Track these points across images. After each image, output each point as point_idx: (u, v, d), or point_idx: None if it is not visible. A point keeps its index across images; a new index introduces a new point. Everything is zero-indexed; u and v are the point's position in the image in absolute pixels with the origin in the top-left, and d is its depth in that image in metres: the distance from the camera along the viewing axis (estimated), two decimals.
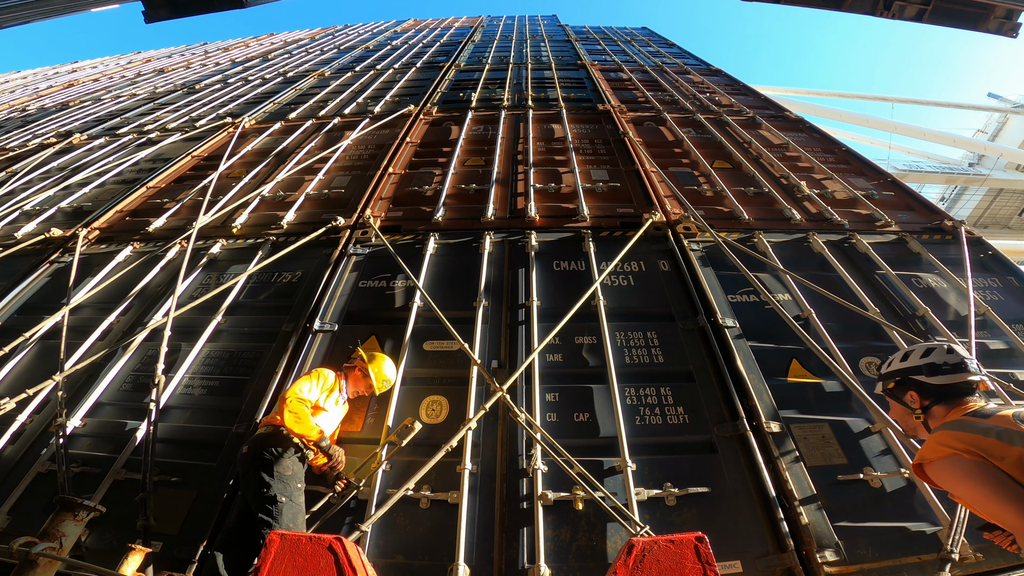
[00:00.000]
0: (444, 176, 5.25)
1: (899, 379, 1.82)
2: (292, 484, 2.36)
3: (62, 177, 6.34)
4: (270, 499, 2.25)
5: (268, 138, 6.92)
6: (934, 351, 1.78)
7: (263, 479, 2.30)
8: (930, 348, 1.80)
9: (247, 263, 4.09)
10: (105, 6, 6.37)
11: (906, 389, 1.79)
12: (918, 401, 1.76)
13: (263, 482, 2.29)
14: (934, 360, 1.75)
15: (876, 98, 25.53)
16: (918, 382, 1.76)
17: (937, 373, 1.73)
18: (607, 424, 2.80)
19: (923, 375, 1.76)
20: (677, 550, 1.73)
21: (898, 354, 1.89)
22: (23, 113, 11.17)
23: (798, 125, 6.98)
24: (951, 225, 4.37)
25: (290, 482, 2.35)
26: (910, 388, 1.78)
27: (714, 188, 4.98)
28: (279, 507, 2.24)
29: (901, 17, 5.44)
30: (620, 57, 11.67)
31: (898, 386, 1.81)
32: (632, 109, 7.45)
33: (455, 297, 3.63)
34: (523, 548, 2.34)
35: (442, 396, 3.01)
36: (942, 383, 1.71)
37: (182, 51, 19.28)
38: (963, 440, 1.49)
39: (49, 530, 2.03)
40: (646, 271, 3.84)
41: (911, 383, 1.78)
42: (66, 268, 4.25)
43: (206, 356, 3.35)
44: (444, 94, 8.55)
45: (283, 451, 2.41)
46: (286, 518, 2.25)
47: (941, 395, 1.71)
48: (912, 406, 1.76)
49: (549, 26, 17.19)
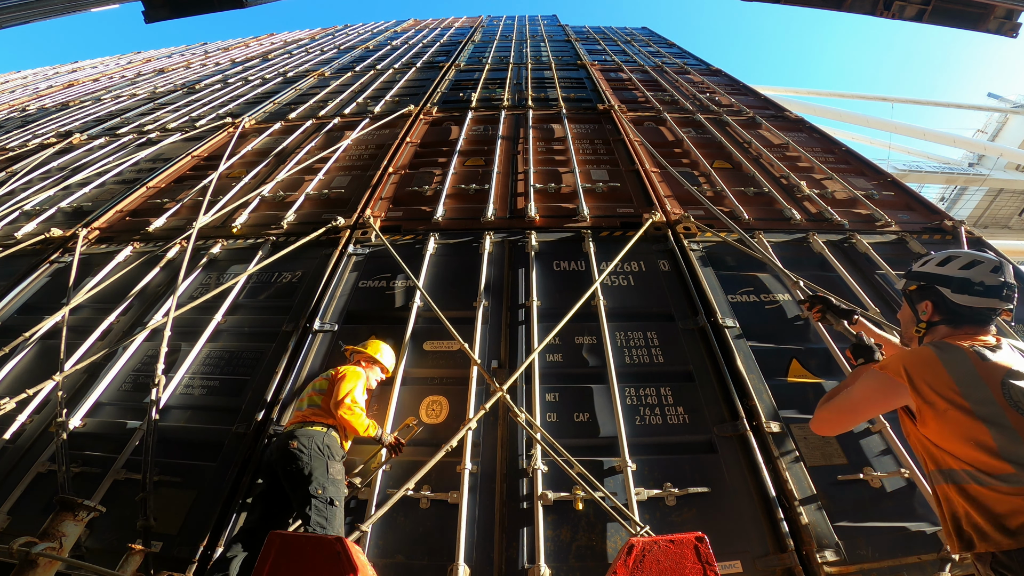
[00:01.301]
0: (444, 176, 5.25)
1: (924, 283, 1.60)
2: (341, 488, 2.37)
3: (62, 177, 6.34)
4: (326, 501, 2.24)
5: (268, 138, 6.92)
6: (978, 265, 1.51)
7: (318, 480, 2.28)
8: (975, 261, 1.53)
9: (247, 263, 4.09)
10: (105, 6, 6.38)
11: (924, 296, 1.58)
12: (929, 313, 1.56)
13: (318, 483, 2.27)
14: (971, 277, 1.50)
15: (876, 98, 25.53)
16: (941, 294, 1.53)
17: (966, 291, 1.49)
18: (607, 424, 2.80)
19: (950, 288, 1.52)
20: (677, 550, 1.73)
21: (937, 255, 1.63)
22: (23, 113, 11.16)
23: (798, 125, 6.98)
24: (951, 225, 4.37)
25: (340, 486, 2.37)
26: (929, 297, 1.56)
27: (714, 188, 4.98)
28: (333, 511, 2.24)
29: (901, 17, 5.44)
30: (620, 57, 11.67)
31: (920, 290, 1.60)
32: (632, 109, 7.45)
33: (455, 297, 3.63)
34: (523, 548, 2.34)
35: (442, 396, 3.01)
36: (965, 304, 1.49)
37: (182, 51, 19.28)
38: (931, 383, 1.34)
39: (49, 530, 2.03)
40: (646, 271, 3.84)
41: (933, 292, 1.56)
42: (66, 268, 4.25)
43: (206, 356, 3.35)
44: (444, 94, 8.55)
45: (335, 453, 2.44)
46: (338, 522, 2.24)
47: (956, 316, 1.51)
48: (921, 316, 1.58)
49: (549, 26, 17.19)
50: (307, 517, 2.18)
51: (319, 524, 2.16)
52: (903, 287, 1.70)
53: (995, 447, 1.23)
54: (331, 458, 2.41)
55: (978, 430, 1.26)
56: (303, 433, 2.45)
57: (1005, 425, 1.24)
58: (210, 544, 2.35)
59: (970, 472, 1.26)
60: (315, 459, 2.35)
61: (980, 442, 1.25)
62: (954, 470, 1.30)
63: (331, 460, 2.40)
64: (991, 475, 1.23)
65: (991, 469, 1.23)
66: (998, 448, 1.23)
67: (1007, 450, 1.22)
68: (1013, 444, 1.22)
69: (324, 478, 2.31)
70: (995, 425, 1.24)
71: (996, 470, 1.22)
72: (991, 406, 1.26)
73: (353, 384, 2.68)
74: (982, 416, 1.26)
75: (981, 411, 1.27)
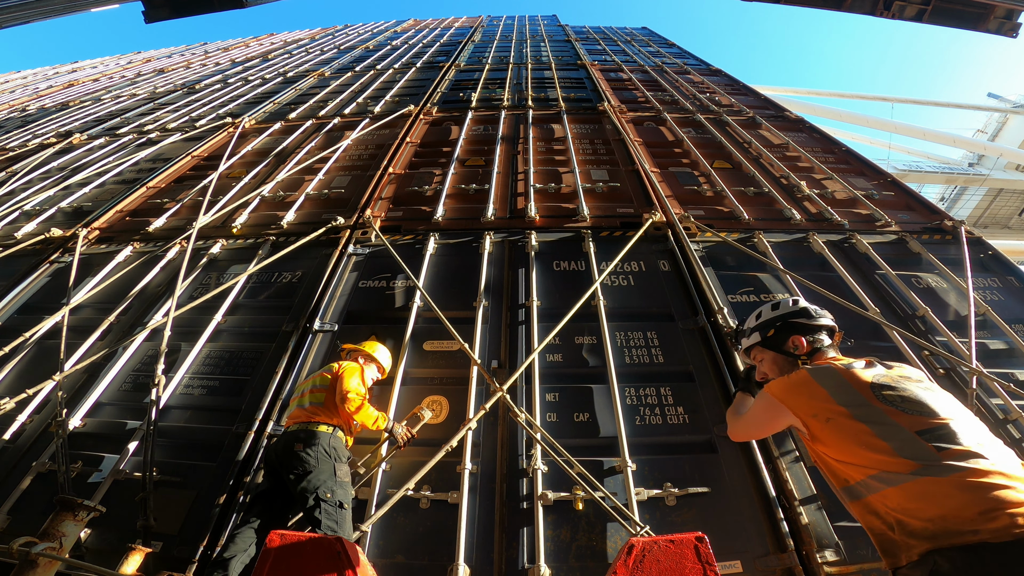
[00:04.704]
0: (444, 176, 5.25)
1: (779, 324, 1.79)
2: (349, 490, 2.36)
3: (62, 177, 6.34)
4: (336, 504, 2.22)
5: (268, 138, 6.92)
6: (800, 301, 1.83)
7: (327, 484, 2.26)
8: (795, 299, 1.85)
9: (247, 263, 4.09)
10: (105, 6, 6.38)
11: (788, 334, 1.76)
12: (803, 345, 1.72)
13: (327, 487, 2.25)
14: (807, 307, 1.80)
15: (876, 98, 25.53)
16: (801, 324, 1.74)
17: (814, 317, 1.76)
18: (607, 424, 2.80)
19: (804, 318, 1.76)
20: (677, 550, 1.73)
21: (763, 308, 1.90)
22: (23, 113, 11.17)
23: (798, 125, 6.98)
24: (951, 225, 4.37)
25: (348, 488, 2.36)
26: (795, 332, 1.75)
27: (714, 188, 4.98)
28: (343, 514, 2.22)
29: (901, 17, 5.45)
30: (620, 57, 11.68)
31: (779, 332, 1.79)
32: (632, 109, 7.45)
33: (455, 297, 3.63)
34: (523, 548, 2.34)
35: (442, 396, 3.01)
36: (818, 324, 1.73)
37: (182, 51, 19.28)
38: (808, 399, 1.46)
39: (49, 530, 2.03)
40: (646, 271, 3.84)
41: (794, 327, 1.75)
42: (66, 268, 4.25)
43: (206, 356, 3.35)
44: (444, 94, 8.55)
45: (342, 455, 2.43)
46: (348, 525, 2.23)
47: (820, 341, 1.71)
48: (797, 352, 1.72)
49: (549, 26, 17.19)
50: (318, 521, 2.16)
51: (330, 528, 2.14)
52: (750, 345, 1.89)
53: (886, 446, 1.26)
54: (338, 460, 2.40)
55: (863, 431, 1.31)
56: (308, 434, 2.43)
57: (886, 423, 1.30)
58: (210, 544, 2.35)
59: (877, 476, 1.26)
60: (322, 462, 2.33)
61: (870, 444, 1.29)
62: (861, 481, 1.30)
63: (338, 462, 2.39)
64: (897, 473, 1.22)
65: (893, 468, 1.23)
66: (889, 446, 1.26)
67: (896, 443, 1.25)
68: (899, 438, 1.26)
69: (332, 481, 2.29)
70: (876, 424, 1.31)
71: (897, 468, 1.23)
72: (867, 408, 1.35)
73: (356, 378, 2.68)
74: (861, 418, 1.34)
75: (859, 413, 1.35)
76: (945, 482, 1.15)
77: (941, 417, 1.29)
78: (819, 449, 1.43)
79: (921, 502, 1.16)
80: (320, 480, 2.27)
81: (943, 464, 1.18)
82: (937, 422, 1.28)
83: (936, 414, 1.30)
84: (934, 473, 1.17)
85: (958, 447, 1.21)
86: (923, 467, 1.19)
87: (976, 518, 1.08)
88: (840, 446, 1.35)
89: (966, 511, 1.10)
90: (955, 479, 1.15)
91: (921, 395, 1.36)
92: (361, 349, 2.96)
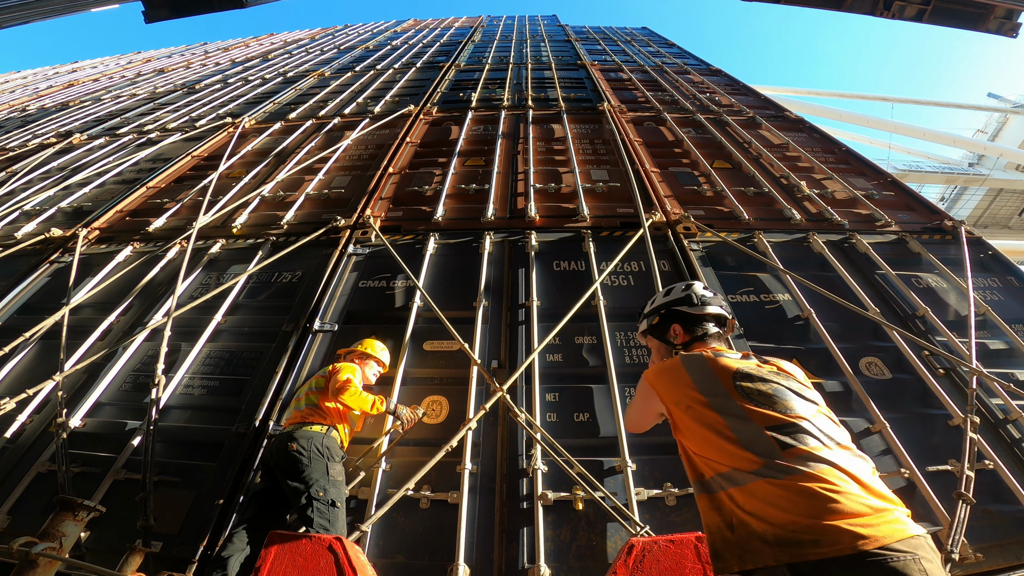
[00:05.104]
0: (444, 176, 5.25)
1: (664, 312, 1.77)
2: (342, 489, 2.38)
3: (62, 177, 6.34)
4: (328, 503, 2.25)
5: (268, 138, 6.92)
6: (692, 285, 1.80)
7: (319, 483, 2.29)
8: (689, 284, 1.82)
9: (247, 263, 4.09)
10: (105, 6, 6.38)
11: (670, 322, 1.74)
12: (680, 335, 1.70)
13: (319, 486, 2.28)
14: (692, 294, 1.76)
15: (876, 98, 25.55)
16: (682, 312, 1.72)
17: (696, 305, 1.72)
18: (607, 424, 2.80)
19: (687, 305, 1.73)
20: (677, 550, 1.73)
21: (659, 293, 1.89)
22: (23, 113, 11.17)
23: (798, 125, 6.98)
24: (951, 225, 4.37)
25: (341, 487, 2.37)
26: (675, 321, 1.73)
27: (714, 188, 4.98)
28: (335, 512, 2.25)
29: (901, 17, 5.45)
30: (620, 57, 11.68)
31: (662, 320, 1.77)
32: (632, 109, 7.45)
33: (455, 297, 3.63)
34: (523, 548, 2.34)
35: (442, 396, 3.01)
36: (700, 313, 1.70)
37: (182, 51, 19.28)
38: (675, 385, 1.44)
39: (49, 530, 2.03)
40: (646, 271, 3.84)
41: (675, 315, 1.74)
42: (66, 268, 4.24)
43: (206, 356, 3.35)
44: (444, 94, 8.55)
45: (335, 454, 2.44)
46: (340, 524, 2.25)
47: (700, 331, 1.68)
48: (674, 341, 1.71)
49: (549, 26, 17.19)
50: (310, 520, 2.18)
51: (322, 526, 2.17)
52: (642, 331, 1.88)
53: (735, 438, 1.23)
54: (331, 459, 2.41)
55: (717, 422, 1.28)
56: (302, 434, 2.45)
57: (739, 415, 1.27)
58: (210, 544, 2.35)
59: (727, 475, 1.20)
60: (315, 461, 2.36)
61: (722, 434, 1.25)
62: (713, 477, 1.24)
63: (331, 462, 2.41)
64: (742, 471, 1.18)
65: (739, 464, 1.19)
66: (736, 438, 1.22)
67: (743, 437, 1.22)
68: (747, 431, 1.23)
69: (325, 480, 2.32)
70: (730, 415, 1.27)
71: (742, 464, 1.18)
72: (724, 398, 1.31)
73: (350, 373, 2.71)
74: (717, 408, 1.30)
75: (716, 403, 1.31)
76: (785, 484, 1.10)
77: (795, 414, 1.24)
78: (681, 440, 1.39)
79: (763, 504, 1.11)
80: (312, 479, 2.29)
81: (784, 464, 1.13)
82: (789, 418, 1.23)
83: (791, 410, 1.25)
84: (774, 473, 1.12)
85: (803, 447, 1.16)
86: (764, 465, 1.14)
87: (815, 527, 1.02)
88: (697, 437, 1.32)
89: (803, 518, 1.04)
90: (793, 482, 1.10)
91: (782, 390, 1.32)
92: (355, 350, 2.98)
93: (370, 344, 3.01)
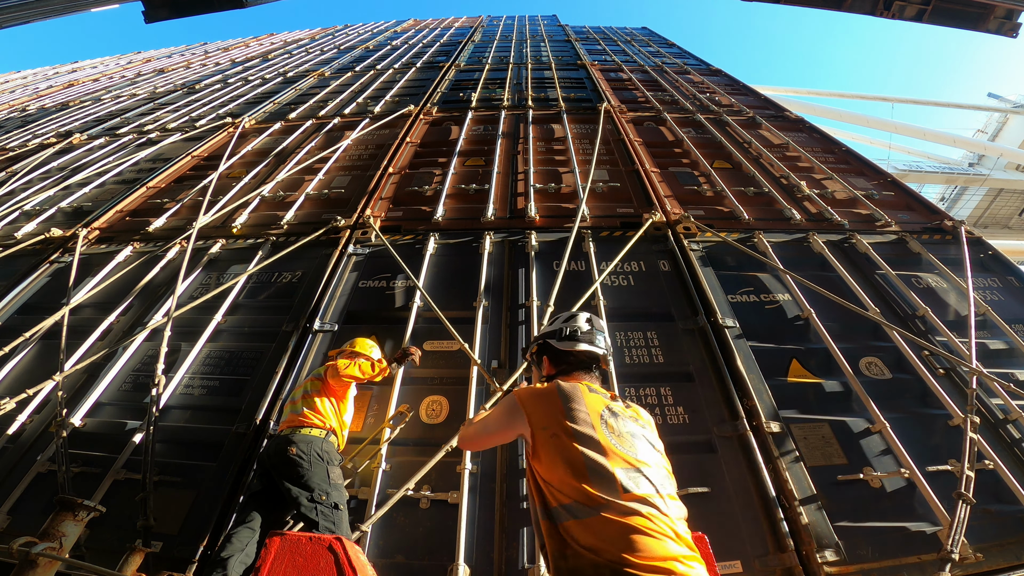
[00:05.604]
0: (444, 176, 5.25)
1: (540, 343, 1.78)
2: (343, 492, 2.39)
3: (62, 177, 6.34)
4: (331, 506, 2.26)
5: (268, 138, 6.92)
6: (574, 318, 1.76)
7: (320, 487, 2.30)
8: (573, 315, 1.78)
9: (247, 263, 4.09)
10: (105, 6, 6.38)
11: (542, 354, 1.75)
12: (546, 367, 1.71)
13: (321, 490, 2.30)
14: (567, 327, 1.74)
15: (876, 98, 25.55)
16: (551, 347, 1.72)
17: (565, 339, 1.70)
18: None
19: (555, 338, 1.72)
20: None
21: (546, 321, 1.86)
22: (23, 113, 11.17)
23: (798, 125, 6.98)
24: (951, 225, 4.37)
25: (342, 490, 2.39)
26: (545, 353, 1.74)
27: (714, 188, 4.98)
28: (339, 515, 2.26)
29: (901, 17, 5.45)
30: (620, 57, 11.68)
31: (540, 350, 1.77)
32: (632, 109, 7.45)
33: (455, 297, 3.63)
34: (523, 548, 2.34)
35: (442, 396, 3.01)
36: (566, 348, 1.68)
37: (182, 51, 19.29)
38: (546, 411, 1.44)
39: (49, 530, 2.03)
40: (646, 271, 3.84)
41: (546, 348, 1.74)
42: (66, 268, 4.25)
43: (206, 356, 3.35)
44: (444, 94, 8.55)
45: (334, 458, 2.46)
46: (345, 525, 2.26)
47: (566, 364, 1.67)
48: (543, 373, 1.72)
49: (549, 26, 17.19)
50: (314, 522, 2.20)
51: (327, 528, 2.19)
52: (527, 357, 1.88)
53: (587, 475, 1.26)
54: (330, 463, 2.43)
55: (576, 454, 1.31)
56: (301, 438, 2.46)
57: (598, 451, 1.31)
58: (210, 544, 2.35)
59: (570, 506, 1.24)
60: (315, 465, 2.37)
61: (576, 468, 1.28)
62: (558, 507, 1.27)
63: (331, 465, 2.42)
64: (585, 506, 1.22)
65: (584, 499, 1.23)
66: (588, 475, 1.26)
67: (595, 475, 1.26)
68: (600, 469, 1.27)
69: (326, 483, 2.33)
70: (590, 449, 1.31)
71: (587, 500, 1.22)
72: (589, 432, 1.35)
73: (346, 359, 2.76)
74: (580, 440, 1.33)
75: (580, 435, 1.34)
76: (619, 523, 1.18)
77: (641, 460, 1.33)
78: (535, 465, 1.40)
79: (596, 539, 1.18)
80: (314, 483, 2.30)
81: (621, 505, 1.20)
82: (635, 463, 1.31)
83: (638, 455, 1.34)
84: (611, 512, 1.19)
85: (638, 493, 1.24)
86: (605, 504, 1.21)
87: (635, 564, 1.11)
88: (551, 466, 1.33)
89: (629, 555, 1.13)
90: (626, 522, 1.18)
91: (637, 436, 1.40)
92: (345, 349, 2.98)
93: (360, 343, 3.01)
